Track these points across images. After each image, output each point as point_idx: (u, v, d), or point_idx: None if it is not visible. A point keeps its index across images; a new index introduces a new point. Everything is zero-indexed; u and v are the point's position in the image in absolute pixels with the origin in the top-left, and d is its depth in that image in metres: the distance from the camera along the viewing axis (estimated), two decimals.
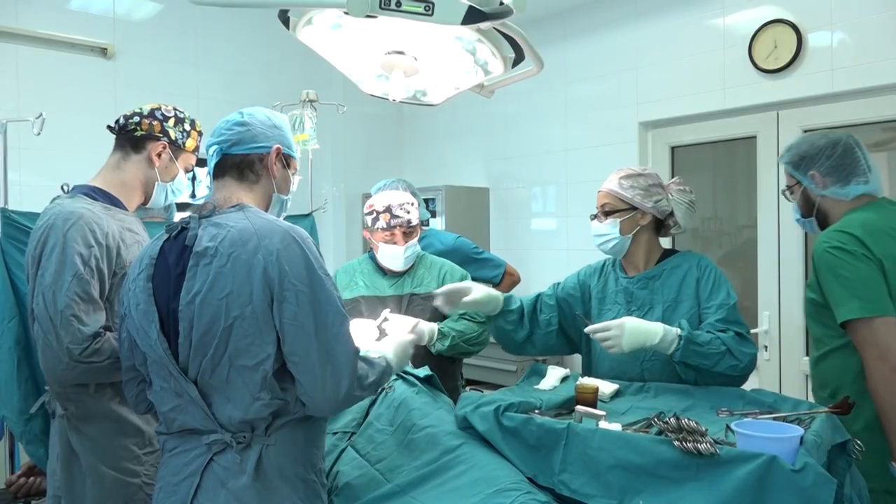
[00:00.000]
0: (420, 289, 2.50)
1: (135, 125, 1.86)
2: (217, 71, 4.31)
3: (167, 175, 1.93)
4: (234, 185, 1.52)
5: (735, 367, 1.87)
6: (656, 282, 2.07)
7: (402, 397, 1.88)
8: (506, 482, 1.48)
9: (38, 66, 3.62)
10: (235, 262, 1.35)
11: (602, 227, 2.10)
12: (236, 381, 1.37)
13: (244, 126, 1.53)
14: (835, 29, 3.14)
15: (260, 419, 1.38)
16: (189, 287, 1.37)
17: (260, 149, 1.53)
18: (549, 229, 4.38)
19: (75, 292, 1.65)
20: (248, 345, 1.35)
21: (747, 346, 1.90)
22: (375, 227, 2.44)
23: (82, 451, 1.75)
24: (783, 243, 3.37)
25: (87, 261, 1.68)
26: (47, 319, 1.64)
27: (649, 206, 2.06)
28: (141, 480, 1.77)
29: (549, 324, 2.22)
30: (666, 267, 2.09)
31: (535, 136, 4.43)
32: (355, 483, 1.65)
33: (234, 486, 1.36)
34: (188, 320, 1.36)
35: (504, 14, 1.40)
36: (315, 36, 1.67)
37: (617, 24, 3.97)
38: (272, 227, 1.40)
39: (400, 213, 2.41)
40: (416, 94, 1.93)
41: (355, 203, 4.88)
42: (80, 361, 1.63)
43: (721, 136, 3.64)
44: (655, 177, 2.11)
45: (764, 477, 1.31)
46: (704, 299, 1.99)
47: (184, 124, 1.93)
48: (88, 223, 1.71)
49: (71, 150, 3.43)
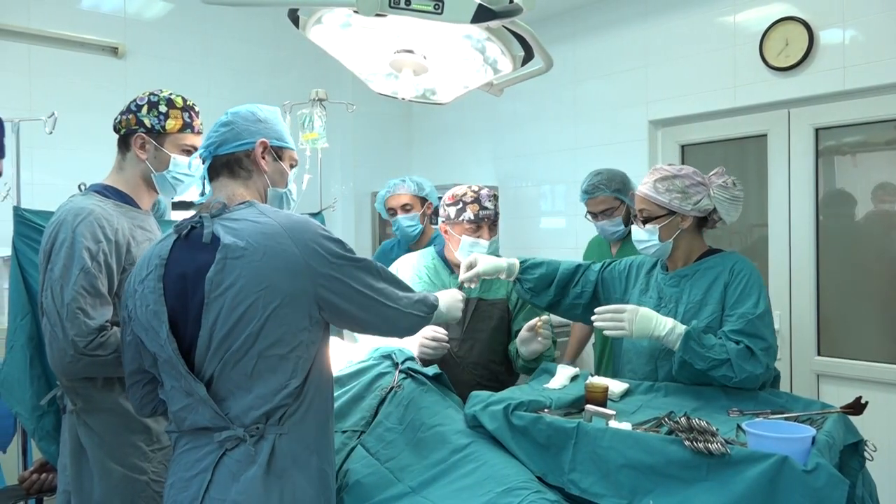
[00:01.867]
0: (488, 294, 2.35)
1: (118, 124, 1.86)
2: (227, 70, 4.33)
3: (159, 164, 1.86)
4: (230, 183, 1.54)
5: (728, 379, 1.78)
6: (687, 281, 2.00)
7: (412, 396, 1.88)
8: (515, 481, 1.48)
9: (49, 65, 3.65)
10: (270, 254, 1.37)
11: (641, 233, 2.01)
12: (264, 372, 1.39)
13: (227, 126, 1.55)
14: (847, 26, 3.11)
15: (279, 407, 1.40)
16: (219, 281, 1.37)
17: (244, 145, 1.54)
18: (559, 228, 4.37)
19: (82, 286, 1.66)
20: (283, 333, 1.39)
21: (752, 363, 1.78)
22: (460, 219, 2.27)
23: (90, 447, 1.76)
24: (794, 243, 3.35)
25: (96, 255, 1.69)
26: (54, 312, 1.66)
27: (689, 208, 1.95)
28: (148, 477, 1.77)
29: (580, 296, 2.19)
30: (700, 267, 2.00)
31: (545, 134, 4.42)
32: (365, 481, 1.65)
33: (245, 478, 1.37)
34: (215, 312, 1.37)
35: (513, 12, 1.39)
36: (325, 35, 1.67)
37: (627, 22, 3.96)
38: (291, 218, 1.44)
39: (488, 205, 2.29)
40: (426, 93, 1.93)
41: (364, 201, 4.88)
42: (85, 354, 1.64)
43: (731, 135, 3.61)
44: (692, 175, 1.97)
45: (775, 477, 1.31)
46: (729, 306, 1.89)
47: (158, 107, 1.84)
48: (98, 219, 1.72)
49: (82, 148, 3.46)
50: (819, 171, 3.30)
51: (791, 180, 3.36)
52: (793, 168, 3.36)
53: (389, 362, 2.07)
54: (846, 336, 3.23)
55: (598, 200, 2.88)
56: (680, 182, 1.95)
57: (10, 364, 2.10)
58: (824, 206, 3.29)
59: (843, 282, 3.25)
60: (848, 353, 3.20)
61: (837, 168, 3.29)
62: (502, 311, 2.34)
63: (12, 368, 2.10)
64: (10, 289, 2.18)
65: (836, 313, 3.27)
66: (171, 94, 1.88)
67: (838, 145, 3.27)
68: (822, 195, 3.30)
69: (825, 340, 3.25)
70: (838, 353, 3.20)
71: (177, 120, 1.86)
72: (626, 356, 2.11)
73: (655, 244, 1.99)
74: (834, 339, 3.25)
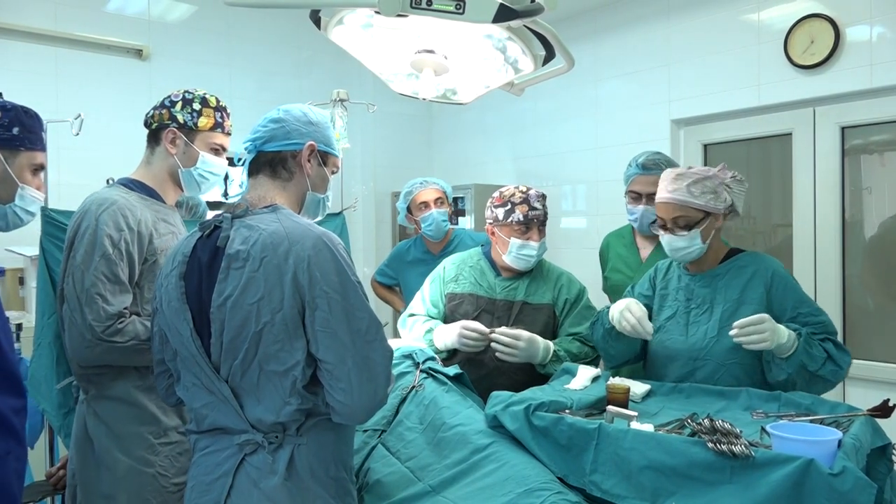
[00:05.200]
0: (534, 298, 2.28)
1: (150, 119, 1.90)
2: (250, 71, 4.37)
3: (188, 160, 1.90)
4: (267, 182, 1.50)
5: (834, 373, 1.84)
6: (720, 280, 1.98)
7: (432, 396, 1.88)
8: (536, 482, 1.47)
9: (75, 67, 3.72)
10: (267, 267, 1.33)
11: (680, 240, 1.95)
12: (266, 386, 1.37)
13: (278, 123, 1.51)
14: (874, 23, 3.06)
15: (291, 421, 1.38)
16: (221, 290, 1.36)
17: (292, 145, 1.51)
18: (579, 228, 4.35)
19: (102, 272, 1.69)
20: (278, 351, 1.34)
21: (844, 354, 1.88)
22: (509, 220, 2.24)
23: (97, 436, 1.76)
24: (819, 243, 3.30)
25: (117, 243, 1.71)
26: (74, 297, 1.68)
27: (721, 207, 1.94)
28: (155, 471, 1.76)
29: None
30: (731, 266, 1.99)
31: (565, 133, 4.40)
32: (386, 480, 1.65)
33: (266, 487, 1.36)
34: (220, 323, 1.36)
35: (535, 12, 1.39)
36: (346, 35, 1.67)
37: (648, 20, 3.93)
38: (304, 231, 1.37)
39: (538, 206, 2.26)
40: (446, 93, 1.93)
41: (385, 201, 4.90)
42: (102, 340, 1.66)
43: (756, 134, 3.57)
44: (718, 174, 1.95)
45: (801, 481, 1.29)
46: (790, 308, 1.91)
47: (192, 104, 1.89)
48: (121, 208, 1.75)
49: (108, 149, 3.50)
50: (845, 171, 3.25)
51: (816, 180, 3.31)
52: (818, 167, 3.31)
53: (410, 362, 2.07)
54: (873, 338, 3.18)
55: (654, 180, 2.35)
56: (711, 182, 1.93)
57: (38, 361, 2.14)
58: (850, 206, 3.24)
59: (869, 283, 3.19)
60: (875, 355, 3.15)
61: (864, 167, 3.24)
62: (547, 317, 2.28)
63: (39, 366, 2.14)
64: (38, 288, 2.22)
65: (862, 315, 3.22)
66: (205, 93, 1.92)
67: (865, 144, 3.22)
68: (849, 194, 3.25)
69: (851, 342, 3.20)
70: (865, 356, 3.14)
71: (209, 118, 1.90)
72: (658, 361, 2.07)
73: (699, 247, 1.95)
74: (860, 341, 3.19)
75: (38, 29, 3.58)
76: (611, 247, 2.76)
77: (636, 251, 2.64)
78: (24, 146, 1.70)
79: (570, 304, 2.29)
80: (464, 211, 4.38)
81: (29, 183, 1.73)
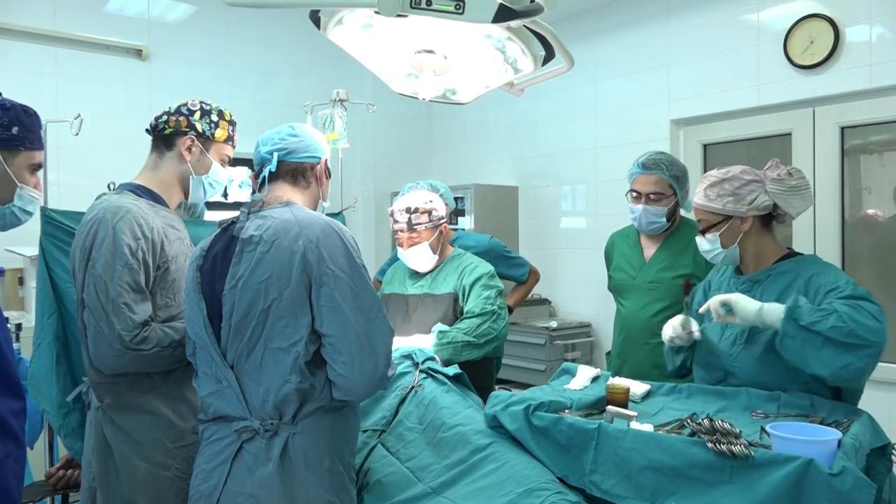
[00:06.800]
0: (436, 289, 2.44)
1: (164, 124, 1.91)
2: (249, 71, 4.37)
3: (201, 168, 1.96)
4: (287, 187, 1.63)
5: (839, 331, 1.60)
6: (759, 286, 1.90)
7: (432, 396, 1.88)
8: (536, 482, 1.48)
9: (75, 67, 3.71)
10: (277, 248, 1.44)
11: (704, 243, 1.95)
12: (269, 363, 1.44)
13: (297, 137, 1.66)
14: (874, 23, 3.06)
15: (288, 404, 1.44)
16: (234, 272, 1.46)
17: (312, 158, 1.67)
18: (579, 228, 4.35)
19: (126, 282, 1.71)
20: (284, 327, 1.43)
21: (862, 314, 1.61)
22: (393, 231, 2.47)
23: (116, 444, 1.78)
24: (819, 243, 3.30)
25: (135, 252, 1.74)
26: (99, 308, 1.69)
27: (744, 209, 1.86)
28: (173, 473, 1.79)
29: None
30: (773, 272, 1.90)
31: (565, 134, 4.40)
32: (386, 480, 1.66)
33: (261, 474, 1.43)
34: (230, 304, 1.46)
35: (534, 12, 1.39)
36: (345, 36, 1.68)
37: (648, 20, 3.93)
38: (314, 218, 1.49)
39: (399, 218, 2.41)
40: (446, 93, 1.93)
41: (384, 201, 4.89)
42: (131, 349, 1.69)
43: (755, 134, 3.57)
44: (741, 175, 1.89)
45: (800, 481, 1.29)
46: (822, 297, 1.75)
47: (210, 115, 1.95)
48: (136, 217, 1.77)
49: (108, 149, 3.50)
50: (845, 171, 3.25)
51: (816, 180, 3.31)
52: (818, 167, 3.32)
53: (409, 362, 2.07)
54: None
55: (653, 180, 2.49)
56: (729, 185, 1.88)
57: (37, 361, 2.13)
58: (850, 206, 3.24)
59: (869, 282, 3.19)
60: None
61: (863, 167, 3.24)
62: (447, 305, 2.41)
63: (39, 366, 2.13)
64: (38, 288, 2.21)
65: None
66: (217, 106, 1.99)
67: (865, 144, 3.22)
68: (848, 194, 3.24)
69: None
70: None
71: (224, 131, 1.98)
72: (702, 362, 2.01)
73: (719, 251, 1.93)
74: None
75: (37, 29, 3.57)
76: (615, 246, 2.77)
77: (640, 251, 2.64)
78: (23, 146, 1.70)
79: (469, 287, 2.38)
80: (464, 211, 4.38)
81: (27, 182, 1.73)
